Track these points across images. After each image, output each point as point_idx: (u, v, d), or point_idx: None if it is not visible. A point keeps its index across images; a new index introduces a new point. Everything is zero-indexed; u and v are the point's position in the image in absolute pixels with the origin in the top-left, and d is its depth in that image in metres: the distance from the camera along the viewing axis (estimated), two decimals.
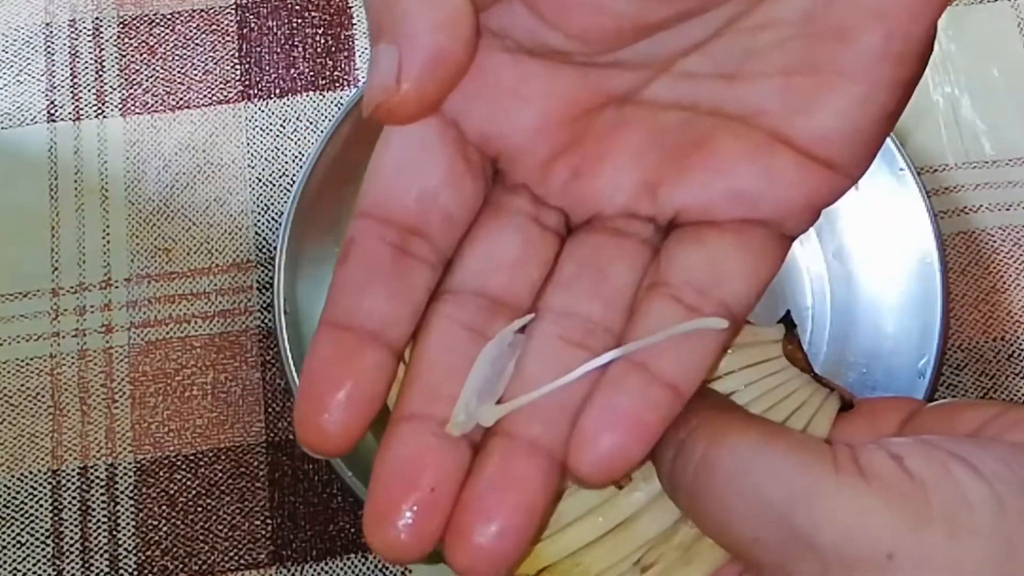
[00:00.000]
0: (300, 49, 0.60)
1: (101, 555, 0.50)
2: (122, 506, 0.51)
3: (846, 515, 0.23)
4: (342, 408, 0.25)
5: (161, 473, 0.52)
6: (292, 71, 0.59)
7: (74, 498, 0.51)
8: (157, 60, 0.59)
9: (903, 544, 0.23)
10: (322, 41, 0.60)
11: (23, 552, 0.50)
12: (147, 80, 0.59)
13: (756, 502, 0.25)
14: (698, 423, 0.26)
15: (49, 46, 0.60)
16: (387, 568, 0.50)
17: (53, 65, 0.59)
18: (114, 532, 0.51)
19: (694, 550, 0.28)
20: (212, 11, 0.60)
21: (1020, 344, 0.54)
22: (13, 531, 0.51)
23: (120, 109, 0.58)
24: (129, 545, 0.51)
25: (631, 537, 0.28)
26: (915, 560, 0.23)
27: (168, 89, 0.59)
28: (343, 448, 0.26)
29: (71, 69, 0.59)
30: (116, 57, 0.59)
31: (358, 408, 0.26)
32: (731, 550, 0.26)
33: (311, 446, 0.26)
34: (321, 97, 0.59)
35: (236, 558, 0.50)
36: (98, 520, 0.51)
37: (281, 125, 0.58)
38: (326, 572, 0.50)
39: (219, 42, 0.60)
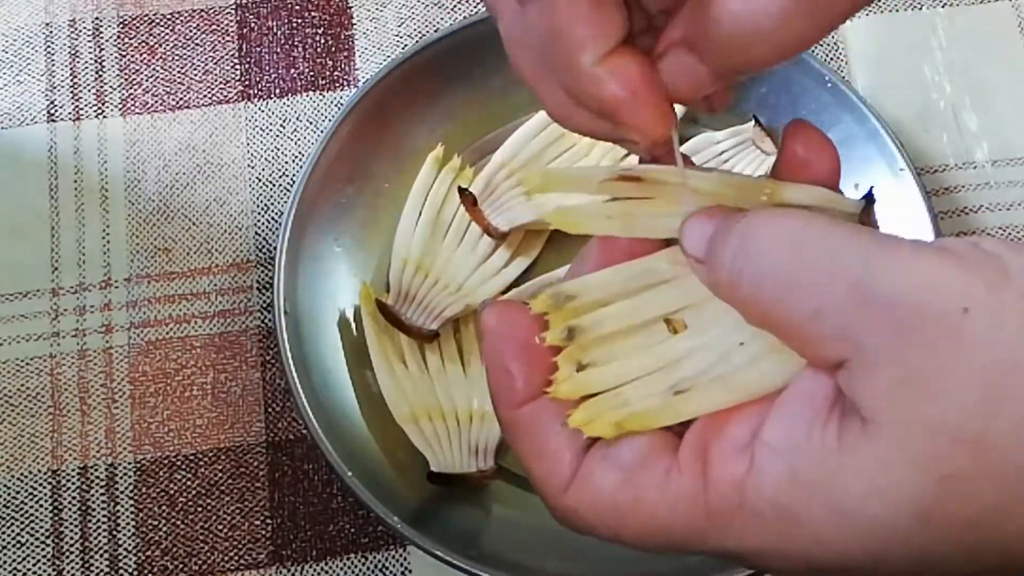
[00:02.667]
0: (300, 49, 0.60)
1: (101, 555, 0.50)
2: (122, 506, 0.51)
3: (924, 273, 0.23)
4: None
5: (161, 473, 0.52)
6: (292, 71, 0.59)
7: (74, 498, 0.51)
8: (157, 60, 0.59)
9: (979, 299, 0.23)
10: (322, 41, 0.60)
11: (23, 552, 0.50)
12: (147, 80, 0.59)
13: (823, 268, 0.24)
14: (743, 214, 0.26)
15: (49, 46, 0.60)
16: (387, 568, 0.50)
17: (53, 65, 0.59)
18: (114, 532, 0.51)
19: (730, 380, 0.27)
20: (212, 11, 0.60)
21: None
22: (13, 531, 0.51)
23: (120, 109, 0.58)
24: (129, 545, 0.51)
25: (671, 374, 0.28)
26: (990, 315, 0.23)
27: (168, 89, 0.59)
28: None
29: (71, 69, 0.59)
30: (116, 57, 0.59)
31: None
32: (782, 329, 0.25)
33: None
34: (321, 97, 0.59)
35: (236, 558, 0.50)
36: (98, 520, 0.51)
37: (281, 125, 0.58)
38: (326, 572, 0.50)
39: (219, 42, 0.60)
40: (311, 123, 0.58)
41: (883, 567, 0.24)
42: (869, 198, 0.30)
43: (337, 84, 0.59)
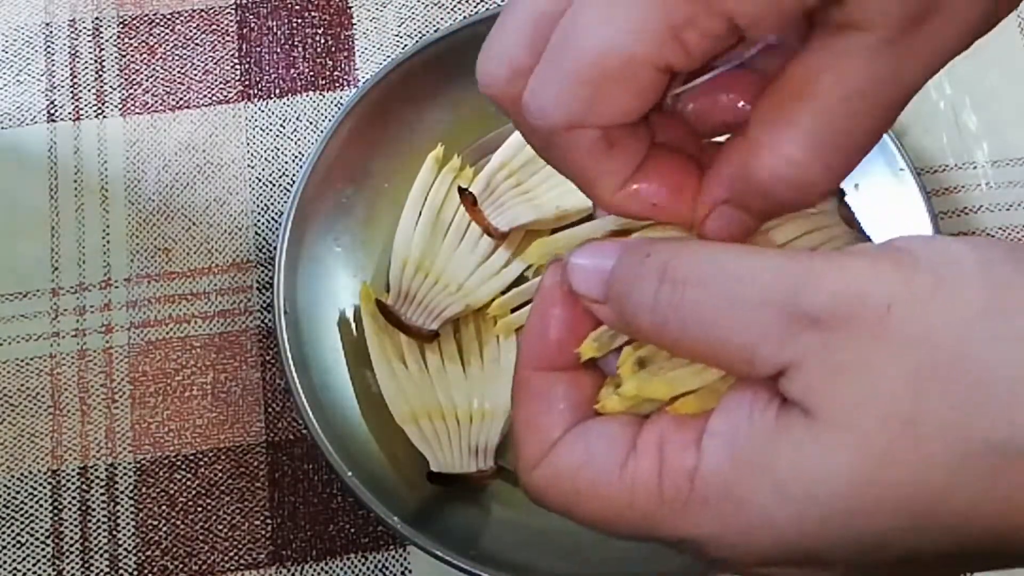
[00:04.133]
0: (300, 49, 0.60)
1: (101, 555, 0.50)
2: (122, 506, 0.51)
3: (843, 281, 0.24)
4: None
5: (161, 473, 0.52)
6: (292, 71, 0.59)
7: (74, 498, 0.51)
8: (157, 60, 0.59)
9: (899, 295, 0.24)
10: (322, 41, 0.60)
11: (23, 552, 0.50)
12: (147, 80, 0.59)
13: (752, 304, 0.25)
14: (650, 250, 0.27)
15: (49, 46, 0.60)
16: (387, 568, 0.50)
17: (53, 65, 0.59)
18: (114, 532, 0.51)
19: None
20: (212, 11, 0.60)
21: None
22: (13, 531, 0.51)
23: (120, 109, 0.58)
24: (129, 545, 0.51)
25: None
26: (911, 307, 0.24)
27: (168, 89, 0.59)
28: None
29: (71, 69, 0.59)
30: (116, 57, 0.59)
31: None
32: (714, 362, 0.26)
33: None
34: (321, 97, 0.59)
35: (236, 558, 0.50)
36: (98, 520, 0.51)
37: (281, 125, 0.58)
38: (326, 572, 0.50)
39: (219, 42, 0.60)
40: (311, 123, 0.58)
41: (832, 551, 0.25)
42: (838, 192, 0.31)
43: (337, 84, 0.59)
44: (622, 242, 0.28)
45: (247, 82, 0.59)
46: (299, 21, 0.60)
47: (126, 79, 0.59)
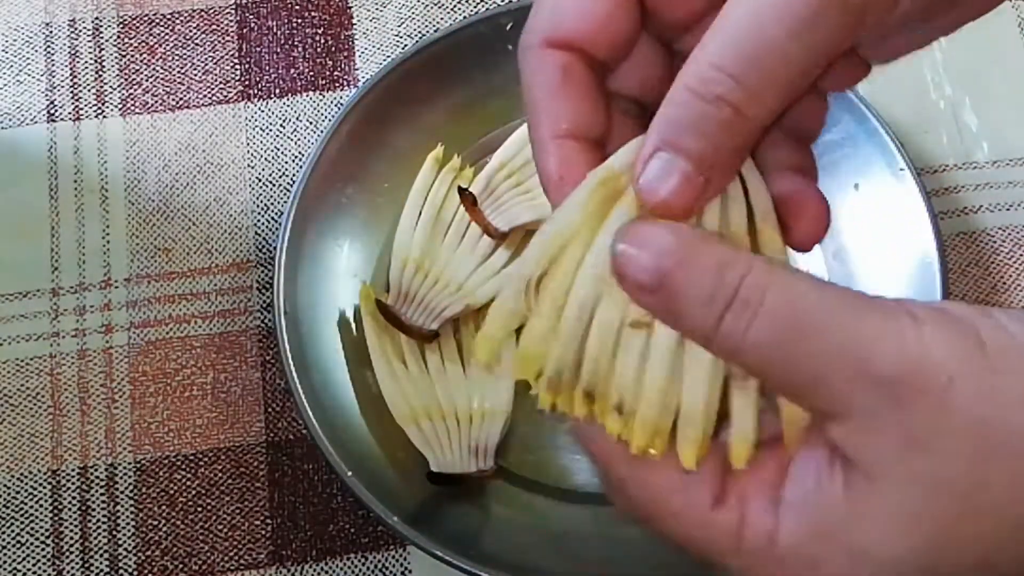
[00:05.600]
0: (300, 49, 0.60)
1: (101, 555, 0.50)
2: (122, 506, 0.51)
3: (912, 350, 0.26)
4: None
5: (161, 473, 0.52)
6: (292, 71, 0.59)
7: (74, 498, 0.51)
8: (157, 60, 0.59)
9: (959, 370, 0.26)
10: (322, 41, 0.60)
11: (23, 552, 0.50)
12: (147, 80, 0.59)
13: (826, 345, 0.26)
14: (747, 276, 0.27)
15: (49, 46, 0.60)
16: (387, 568, 0.50)
17: (53, 65, 0.59)
18: (114, 532, 0.51)
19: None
20: (212, 11, 0.60)
21: None
22: (13, 531, 0.51)
23: (120, 109, 0.58)
24: (129, 545, 0.51)
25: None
26: (970, 381, 0.26)
27: (168, 89, 0.59)
28: None
29: (71, 69, 0.59)
30: (116, 57, 0.59)
31: None
32: (775, 385, 0.28)
33: None
34: (321, 97, 0.59)
35: (236, 558, 0.50)
36: (98, 520, 0.51)
37: (281, 125, 0.58)
38: (326, 572, 0.50)
39: (219, 42, 0.60)
40: (311, 123, 0.58)
41: None
42: None
43: (337, 84, 0.59)
44: (676, 230, 0.28)
45: (247, 82, 0.59)
46: (299, 21, 0.60)
47: (126, 79, 0.59)
